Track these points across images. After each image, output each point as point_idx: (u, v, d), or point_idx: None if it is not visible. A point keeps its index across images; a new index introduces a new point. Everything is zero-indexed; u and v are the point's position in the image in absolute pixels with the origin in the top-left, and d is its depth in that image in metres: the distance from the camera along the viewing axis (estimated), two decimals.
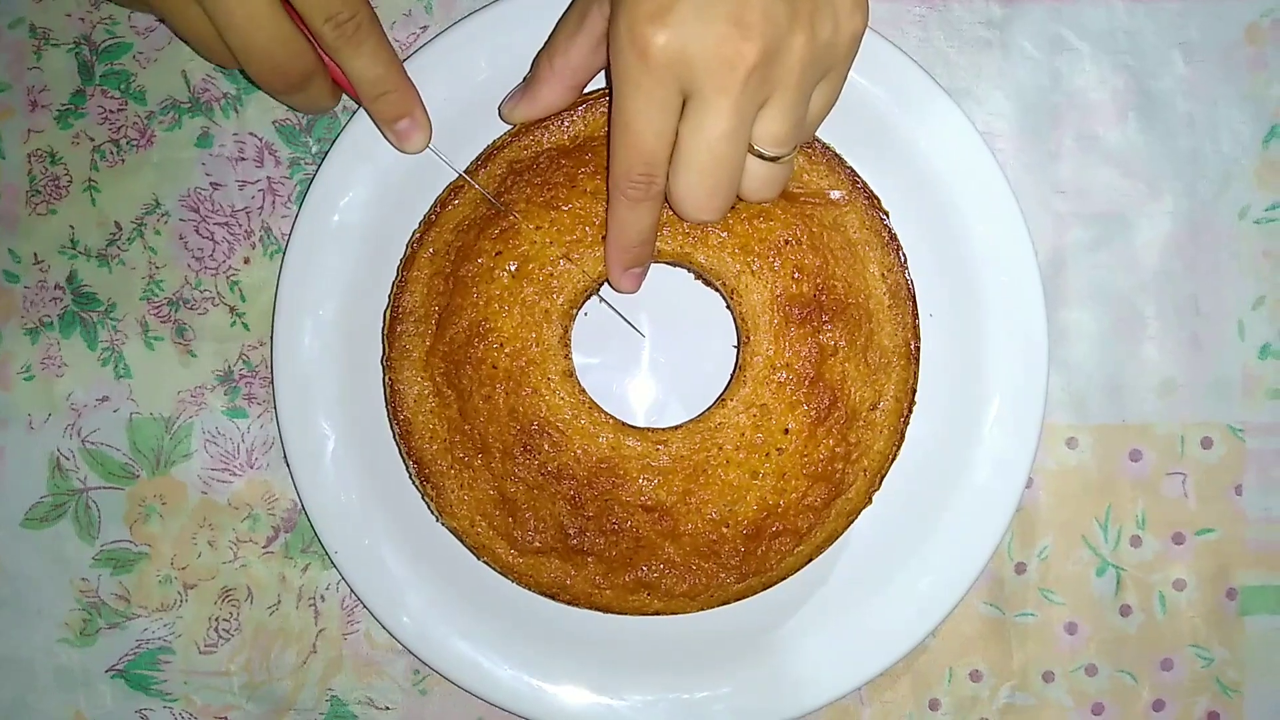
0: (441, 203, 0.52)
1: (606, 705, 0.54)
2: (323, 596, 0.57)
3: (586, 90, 0.51)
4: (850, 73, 0.52)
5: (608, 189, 0.46)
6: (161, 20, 0.54)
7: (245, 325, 0.57)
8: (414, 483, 0.52)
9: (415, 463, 0.52)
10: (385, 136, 0.51)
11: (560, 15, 0.49)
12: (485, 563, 0.52)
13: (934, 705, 0.57)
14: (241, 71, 0.47)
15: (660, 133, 0.42)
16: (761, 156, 0.44)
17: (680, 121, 0.42)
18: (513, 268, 0.51)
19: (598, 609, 0.52)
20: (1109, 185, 0.57)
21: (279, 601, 0.57)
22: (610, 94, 0.43)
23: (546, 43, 0.49)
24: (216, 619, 0.57)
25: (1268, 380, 0.57)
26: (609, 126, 0.44)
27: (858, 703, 0.57)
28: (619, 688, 0.54)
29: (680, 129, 0.42)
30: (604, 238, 0.50)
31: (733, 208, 0.47)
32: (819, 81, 0.43)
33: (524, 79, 0.51)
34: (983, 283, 0.54)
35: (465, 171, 0.51)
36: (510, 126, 0.51)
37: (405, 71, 0.50)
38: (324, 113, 0.53)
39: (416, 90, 0.51)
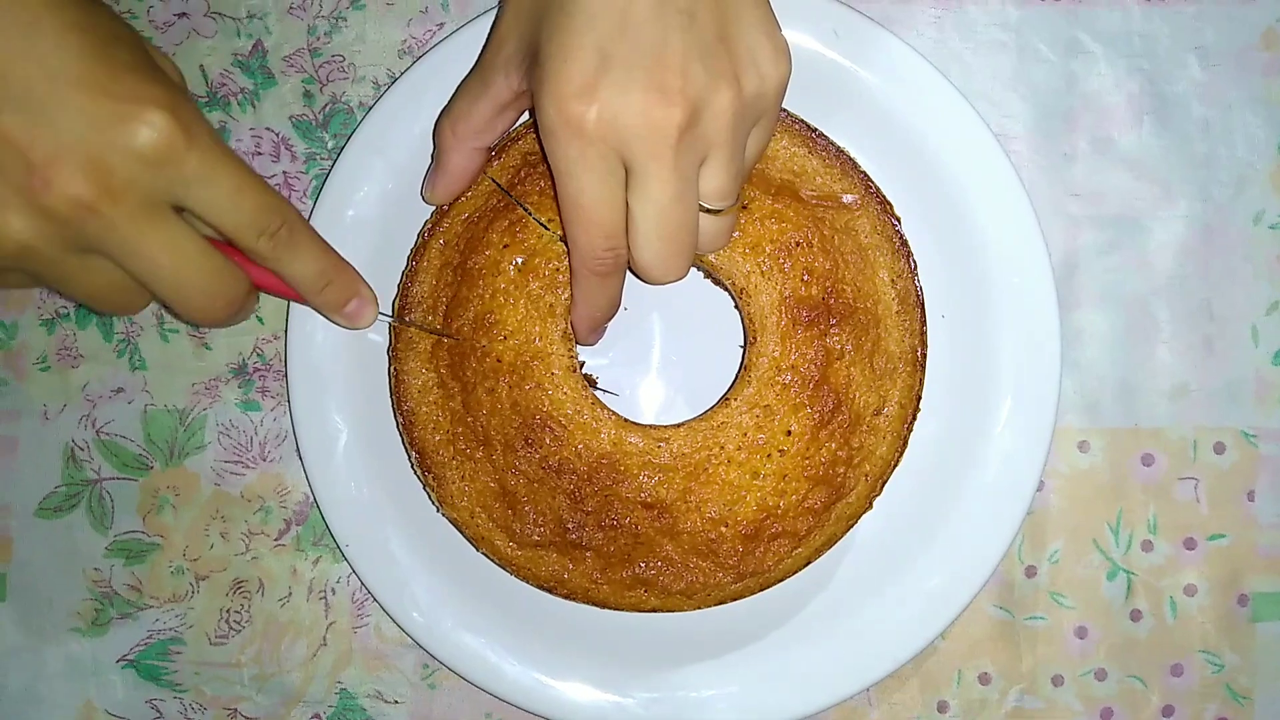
0: None
1: (614, 702, 0.54)
2: (333, 590, 0.57)
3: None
4: (865, 73, 0.53)
5: (571, 268, 0.46)
6: (53, 289, 0.48)
7: (259, 318, 0.58)
8: (415, 473, 0.53)
9: (417, 453, 0.52)
10: (332, 320, 0.50)
11: (459, 83, 0.49)
12: (484, 554, 0.52)
13: (942, 707, 0.57)
14: (166, 308, 0.44)
15: (613, 205, 0.43)
16: (707, 211, 0.44)
17: (628, 193, 0.43)
18: (519, 261, 0.51)
19: (594, 604, 0.52)
20: (1123, 189, 0.57)
21: (290, 594, 0.57)
22: (552, 180, 0.43)
23: (445, 111, 0.49)
24: (227, 610, 0.57)
25: None
26: (559, 211, 0.44)
27: (866, 703, 0.57)
28: (626, 684, 0.55)
29: (630, 201, 0.43)
30: (569, 306, 0.50)
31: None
32: (751, 130, 0.44)
33: (432, 157, 0.51)
34: (996, 284, 0.54)
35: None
36: (527, 118, 0.51)
37: (337, 252, 0.48)
38: (244, 318, 0.47)
39: (352, 266, 0.49)
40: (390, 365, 0.52)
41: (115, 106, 0.38)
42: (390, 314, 0.53)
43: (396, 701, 0.57)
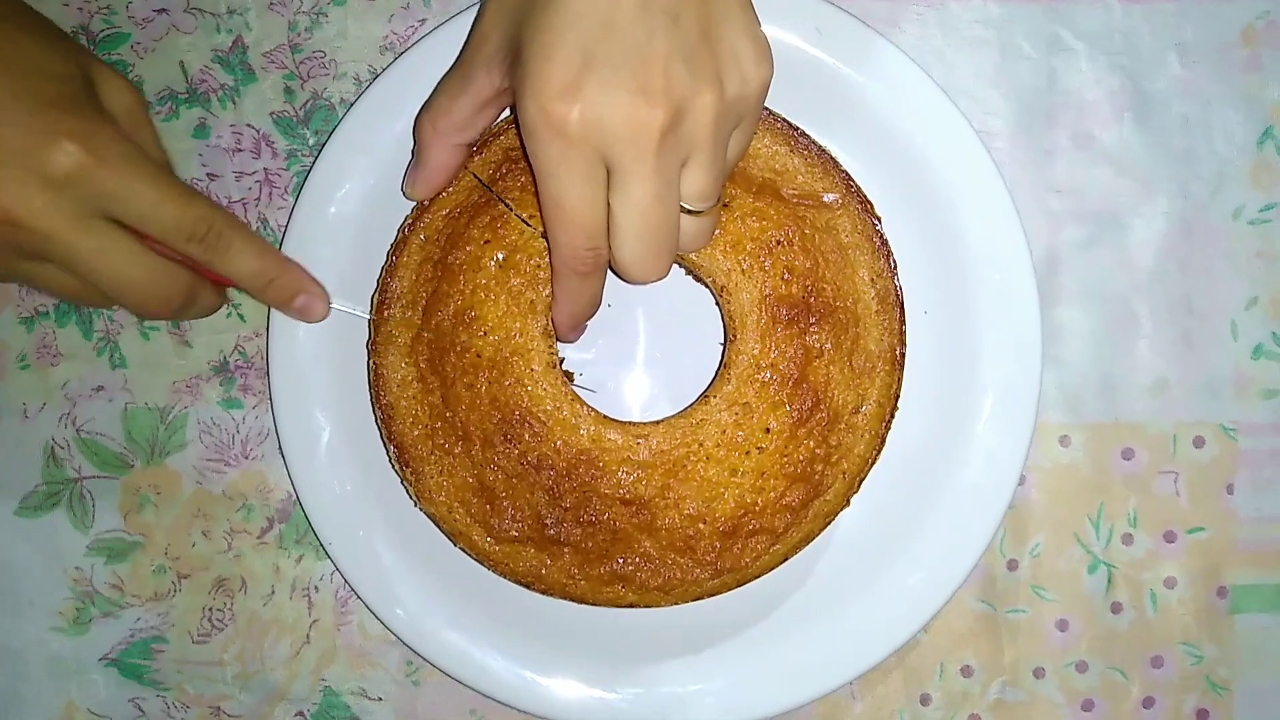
0: None
1: (599, 698, 0.55)
2: (316, 587, 0.57)
3: None
4: (847, 70, 0.53)
5: (552, 267, 0.46)
6: (30, 287, 0.55)
7: (241, 316, 0.57)
8: (394, 467, 0.53)
9: (396, 447, 0.52)
10: (287, 314, 0.53)
11: (440, 79, 0.49)
12: (462, 549, 0.52)
13: (925, 700, 0.57)
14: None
15: (595, 205, 0.43)
16: (689, 212, 0.44)
17: (610, 193, 0.43)
18: (500, 257, 0.51)
19: (572, 599, 0.52)
20: (1104, 185, 0.57)
21: (273, 592, 0.57)
22: (533, 179, 0.43)
23: (426, 106, 0.49)
24: (210, 609, 0.57)
25: (1260, 380, 0.57)
26: (540, 210, 0.44)
27: (849, 697, 0.57)
28: (612, 680, 0.55)
29: (611, 201, 0.43)
30: (550, 305, 0.50)
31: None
32: (733, 131, 0.44)
33: (413, 152, 0.51)
34: (977, 280, 0.54)
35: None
36: (509, 114, 0.51)
37: (280, 253, 0.52)
38: (215, 311, 0.53)
39: (298, 265, 0.52)
40: (369, 359, 0.52)
41: (32, 138, 0.44)
42: (369, 309, 0.53)
43: (380, 699, 0.57)
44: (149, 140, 0.51)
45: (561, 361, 0.52)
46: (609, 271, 0.48)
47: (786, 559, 0.52)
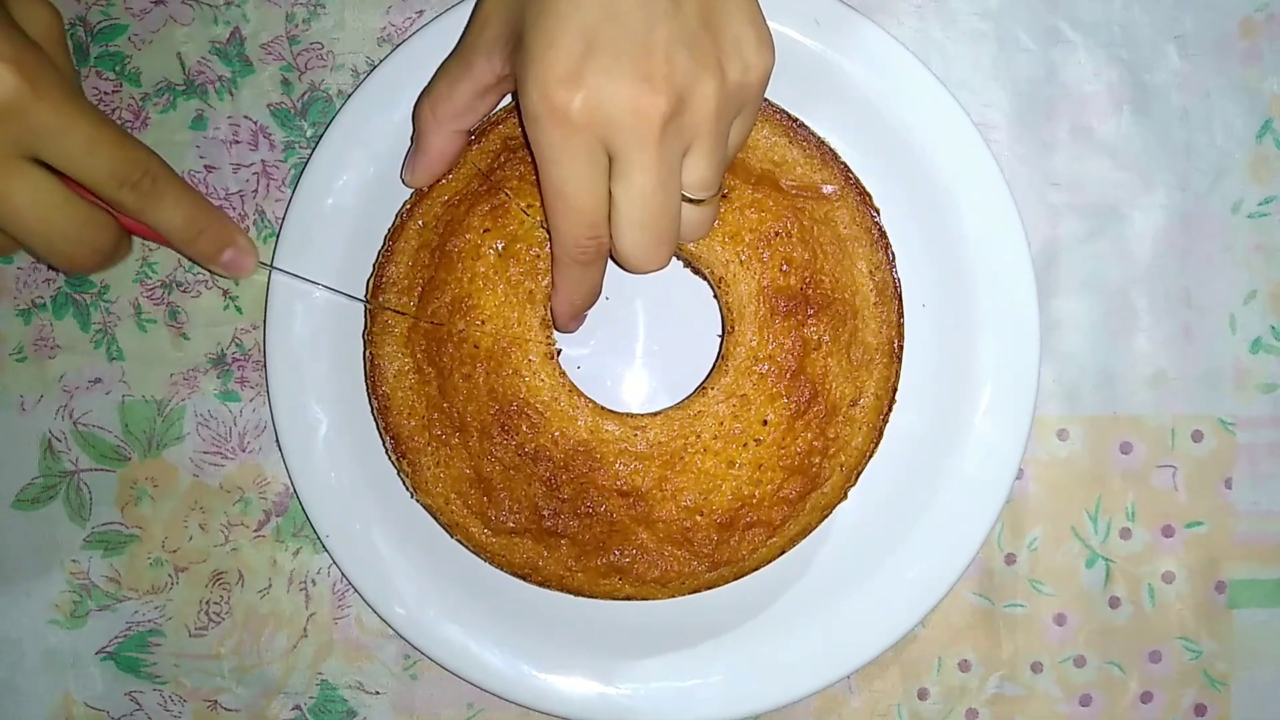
0: None
1: (597, 692, 0.54)
2: (314, 581, 0.57)
3: None
4: (846, 62, 0.53)
5: (553, 256, 0.46)
6: None
7: (238, 309, 0.57)
8: (390, 459, 0.52)
9: (392, 438, 0.52)
10: (212, 271, 0.50)
11: (440, 65, 0.49)
12: (458, 541, 0.52)
13: (923, 694, 0.57)
14: (34, 255, 0.46)
15: (596, 193, 0.43)
16: (690, 200, 0.44)
17: (611, 181, 0.42)
18: (500, 246, 0.51)
19: (569, 591, 0.52)
20: (1103, 178, 0.57)
21: (270, 585, 0.57)
22: (534, 166, 0.43)
23: (425, 92, 0.49)
24: (207, 602, 0.57)
25: (1259, 374, 0.57)
26: (541, 197, 0.44)
27: (847, 691, 0.57)
28: (609, 674, 0.55)
29: (613, 189, 0.43)
30: (550, 294, 0.50)
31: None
32: (734, 120, 0.44)
33: (411, 139, 0.51)
34: (976, 273, 0.54)
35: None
36: (510, 101, 0.51)
37: (210, 203, 0.49)
38: (120, 261, 0.48)
39: (228, 217, 0.49)
40: (366, 349, 0.52)
41: None
42: (365, 295, 0.52)
43: (378, 692, 0.57)
44: (67, 67, 0.45)
45: (559, 353, 0.52)
46: (609, 262, 0.48)
47: (784, 552, 0.52)
